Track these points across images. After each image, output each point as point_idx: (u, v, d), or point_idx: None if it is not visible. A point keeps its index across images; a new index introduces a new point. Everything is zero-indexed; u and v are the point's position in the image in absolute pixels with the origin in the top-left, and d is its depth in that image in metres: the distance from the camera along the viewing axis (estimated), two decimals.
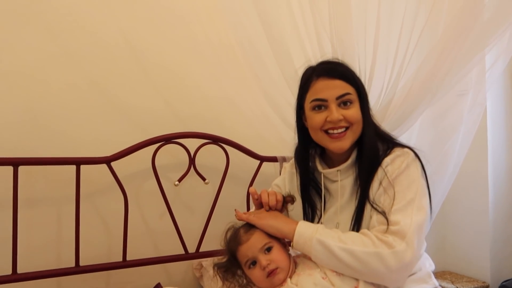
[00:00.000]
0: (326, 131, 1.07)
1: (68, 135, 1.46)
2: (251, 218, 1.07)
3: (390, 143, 1.12)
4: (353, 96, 1.07)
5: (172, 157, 1.56)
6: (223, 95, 1.65)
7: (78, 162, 1.37)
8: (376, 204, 1.03)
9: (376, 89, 1.36)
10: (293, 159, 1.31)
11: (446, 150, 1.43)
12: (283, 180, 1.28)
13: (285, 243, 1.09)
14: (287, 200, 1.12)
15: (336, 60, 1.14)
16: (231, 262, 1.06)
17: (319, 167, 1.16)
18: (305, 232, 1.01)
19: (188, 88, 1.64)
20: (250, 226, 1.07)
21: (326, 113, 1.06)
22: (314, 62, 1.42)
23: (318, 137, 1.10)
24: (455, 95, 1.42)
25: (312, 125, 1.10)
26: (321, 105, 1.08)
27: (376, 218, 1.01)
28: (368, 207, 1.05)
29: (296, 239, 1.01)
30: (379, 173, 1.05)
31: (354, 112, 1.07)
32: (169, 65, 1.61)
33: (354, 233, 1.02)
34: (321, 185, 1.15)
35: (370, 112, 1.13)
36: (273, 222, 1.05)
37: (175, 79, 1.63)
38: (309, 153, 1.18)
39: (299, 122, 1.18)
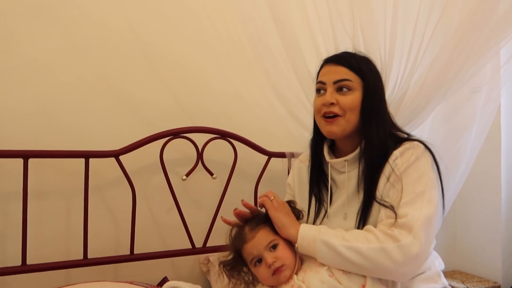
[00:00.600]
0: (324, 116, 1.09)
1: (78, 129, 1.47)
2: (268, 203, 1.07)
3: (400, 138, 1.10)
4: (354, 84, 1.07)
5: (180, 151, 1.56)
6: (232, 90, 1.64)
7: (87, 155, 1.37)
8: (384, 200, 1.02)
9: (391, 82, 1.34)
10: (302, 155, 1.31)
11: (458, 148, 1.40)
12: (292, 177, 1.29)
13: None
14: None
15: (353, 51, 1.16)
16: (237, 259, 1.06)
17: (327, 157, 1.16)
18: (308, 234, 1.00)
19: (196, 83, 1.64)
20: (255, 224, 1.06)
21: (323, 96, 1.09)
22: (326, 55, 1.42)
23: (318, 121, 1.13)
24: (469, 91, 1.39)
25: (314, 109, 1.14)
26: (320, 88, 1.11)
27: (384, 212, 1.00)
28: (375, 204, 1.04)
29: (299, 241, 1.01)
30: (387, 168, 1.04)
31: (349, 99, 1.06)
32: (178, 60, 1.61)
33: (357, 231, 1.01)
34: (328, 176, 1.15)
35: (382, 106, 1.11)
36: (284, 219, 1.05)
37: (184, 74, 1.62)
38: (321, 141, 1.19)
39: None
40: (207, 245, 1.55)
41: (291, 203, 1.13)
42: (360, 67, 1.09)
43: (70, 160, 1.40)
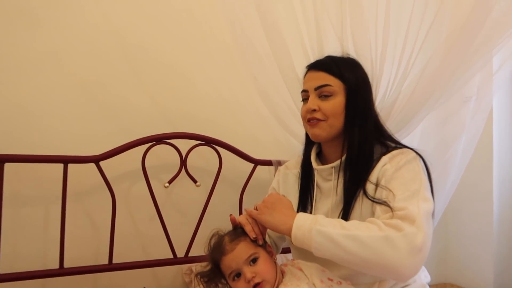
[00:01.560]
0: (307, 122, 1.10)
1: (56, 133, 1.43)
2: (253, 213, 1.02)
3: (389, 147, 1.07)
4: (335, 89, 1.06)
5: (162, 158, 1.52)
6: (217, 95, 1.60)
7: (65, 160, 1.33)
8: (377, 198, 0.97)
9: (382, 87, 1.30)
10: (288, 162, 1.29)
11: (448, 158, 1.37)
12: (277, 182, 1.27)
13: (271, 251, 1.05)
14: None
15: (339, 55, 1.15)
16: (214, 271, 1.02)
17: (314, 164, 1.14)
18: (303, 225, 0.92)
19: (180, 87, 1.60)
20: (235, 235, 1.02)
21: (307, 104, 1.09)
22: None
23: (305, 128, 1.14)
24: (461, 101, 1.36)
25: (301, 117, 1.14)
26: (305, 96, 1.12)
27: (379, 208, 0.94)
28: (356, 208, 1.01)
29: (294, 233, 0.92)
30: (374, 174, 1.00)
31: (330, 105, 1.05)
32: (161, 63, 1.57)
33: (358, 221, 0.93)
34: (314, 183, 1.13)
35: (367, 109, 1.08)
36: (270, 218, 0.98)
37: (167, 78, 1.58)
38: (310, 148, 1.18)
39: None
40: (190, 254, 1.50)
41: None
42: (340, 70, 1.07)
43: (48, 165, 1.35)
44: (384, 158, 1.01)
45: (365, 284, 1.05)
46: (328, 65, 1.08)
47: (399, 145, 1.08)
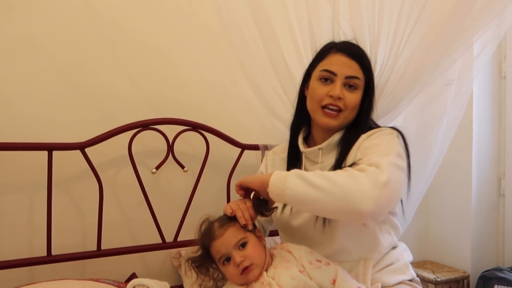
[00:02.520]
0: (322, 107, 1.09)
1: (40, 120, 1.39)
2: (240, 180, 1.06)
3: (372, 127, 1.13)
4: (360, 83, 1.09)
5: (149, 144, 1.51)
6: (203, 80, 1.59)
7: (50, 148, 1.31)
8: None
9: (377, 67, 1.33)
10: (276, 147, 1.29)
11: (429, 140, 1.42)
12: (265, 166, 1.29)
13: (261, 236, 1.07)
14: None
15: (358, 44, 1.15)
16: (205, 257, 1.04)
17: (301, 147, 1.16)
18: (281, 173, 0.96)
19: (166, 72, 1.58)
20: (224, 220, 1.04)
21: (330, 87, 1.08)
22: (303, 47, 1.39)
23: (314, 108, 1.11)
24: (442, 84, 1.39)
25: (313, 95, 1.10)
26: (328, 77, 1.09)
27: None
28: None
29: (272, 180, 0.95)
30: (354, 149, 1.06)
31: (354, 97, 1.07)
32: (146, 48, 1.54)
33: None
34: (302, 166, 1.15)
35: (372, 106, 1.13)
36: (252, 178, 1.03)
37: (152, 62, 1.55)
38: (301, 127, 1.19)
39: (301, 88, 1.20)
40: (178, 239, 1.51)
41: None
42: (368, 66, 1.10)
43: (32, 153, 1.33)
44: (363, 136, 1.07)
45: (351, 261, 1.09)
46: (362, 57, 1.10)
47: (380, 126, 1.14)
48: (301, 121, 1.20)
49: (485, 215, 2.02)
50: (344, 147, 1.09)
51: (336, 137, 1.11)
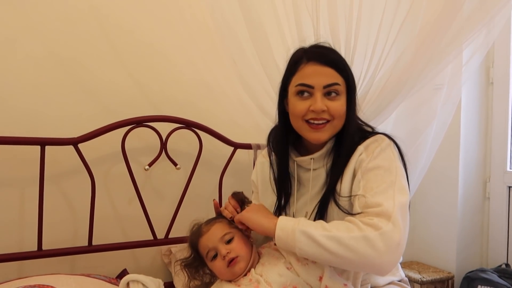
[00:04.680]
0: (307, 121, 1.03)
1: (33, 114, 1.39)
2: (239, 214, 1.04)
3: (366, 132, 1.09)
4: (341, 88, 1.02)
5: (143, 141, 1.51)
6: (198, 78, 1.60)
7: (42, 142, 1.31)
8: (355, 193, 0.99)
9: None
10: (264, 150, 1.26)
11: (419, 144, 1.44)
12: (255, 173, 1.24)
13: (249, 235, 1.08)
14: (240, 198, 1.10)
15: (329, 46, 1.07)
16: (196, 258, 1.06)
17: (293, 155, 1.12)
18: (286, 225, 0.94)
19: (161, 69, 1.58)
20: (212, 220, 1.07)
21: (310, 101, 1.01)
22: (292, 48, 1.40)
23: (298, 125, 1.05)
24: (431, 89, 1.42)
25: (294, 112, 1.04)
26: (305, 91, 1.01)
27: (358, 203, 0.96)
28: (333, 201, 1.02)
29: (278, 233, 0.94)
30: (352, 163, 1.02)
31: (338, 105, 1.01)
32: (142, 44, 1.55)
33: (338, 221, 0.95)
34: (295, 173, 1.11)
35: (356, 107, 1.08)
36: (255, 216, 1.00)
37: (148, 59, 1.56)
38: (288, 138, 1.12)
39: (280, 105, 1.12)
40: (170, 236, 1.52)
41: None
42: (345, 68, 1.03)
43: (25, 147, 1.33)
44: (360, 148, 1.02)
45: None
46: (336, 61, 1.02)
47: (374, 132, 1.10)
48: (288, 134, 1.13)
49: (470, 217, 2.07)
50: (337, 155, 1.05)
51: (328, 145, 1.07)
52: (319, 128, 1.01)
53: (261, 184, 1.20)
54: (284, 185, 1.12)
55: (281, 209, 1.12)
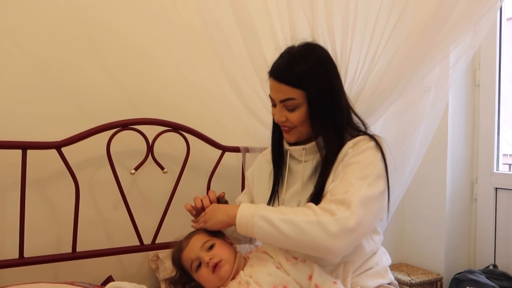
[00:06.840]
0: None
1: (14, 117, 1.35)
2: (200, 226, 1.08)
3: (360, 131, 1.13)
4: (297, 101, 1.07)
5: (128, 144, 1.48)
6: (184, 80, 1.57)
7: (24, 146, 1.27)
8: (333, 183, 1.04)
9: (348, 78, 1.34)
10: (266, 150, 1.31)
11: (407, 146, 1.45)
12: (252, 170, 1.31)
13: (231, 242, 1.10)
14: (220, 197, 1.16)
15: (291, 57, 1.09)
16: (181, 275, 1.06)
17: (285, 145, 1.19)
18: (246, 212, 0.99)
19: (146, 72, 1.55)
20: (190, 234, 1.08)
21: (275, 111, 1.12)
22: (284, 47, 1.39)
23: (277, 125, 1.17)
24: (419, 91, 1.43)
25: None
26: (273, 102, 1.13)
27: (331, 187, 1.02)
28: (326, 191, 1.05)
29: (238, 220, 0.99)
30: (339, 157, 1.07)
31: (296, 116, 1.08)
32: (126, 46, 1.52)
33: (297, 207, 1.02)
34: (286, 163, 1.17)
35: (333, 107, 1.09)
36: (215, 218, 1.04)
37: (132, 61, 1.53)
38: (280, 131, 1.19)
39: None
40: (157, 241, 1.49)
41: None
42: (299, 79, 1.05)
43: (5, 151, 1.29)
44: (349, 143, 1.08)
45: (331, 265, 1.09)
46: (286, 76, 1.06)
47: (366, 131, 1.14)
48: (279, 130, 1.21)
49: (458, 219, 2.08)
50: (328, 150, 1.09)
51: (320, 140, 1.12)
52: (287, 131, 1.13)
53: (256, 179, 1.26)
54: (276, 175, 1.19)
55: (274, 194, 1.18)
